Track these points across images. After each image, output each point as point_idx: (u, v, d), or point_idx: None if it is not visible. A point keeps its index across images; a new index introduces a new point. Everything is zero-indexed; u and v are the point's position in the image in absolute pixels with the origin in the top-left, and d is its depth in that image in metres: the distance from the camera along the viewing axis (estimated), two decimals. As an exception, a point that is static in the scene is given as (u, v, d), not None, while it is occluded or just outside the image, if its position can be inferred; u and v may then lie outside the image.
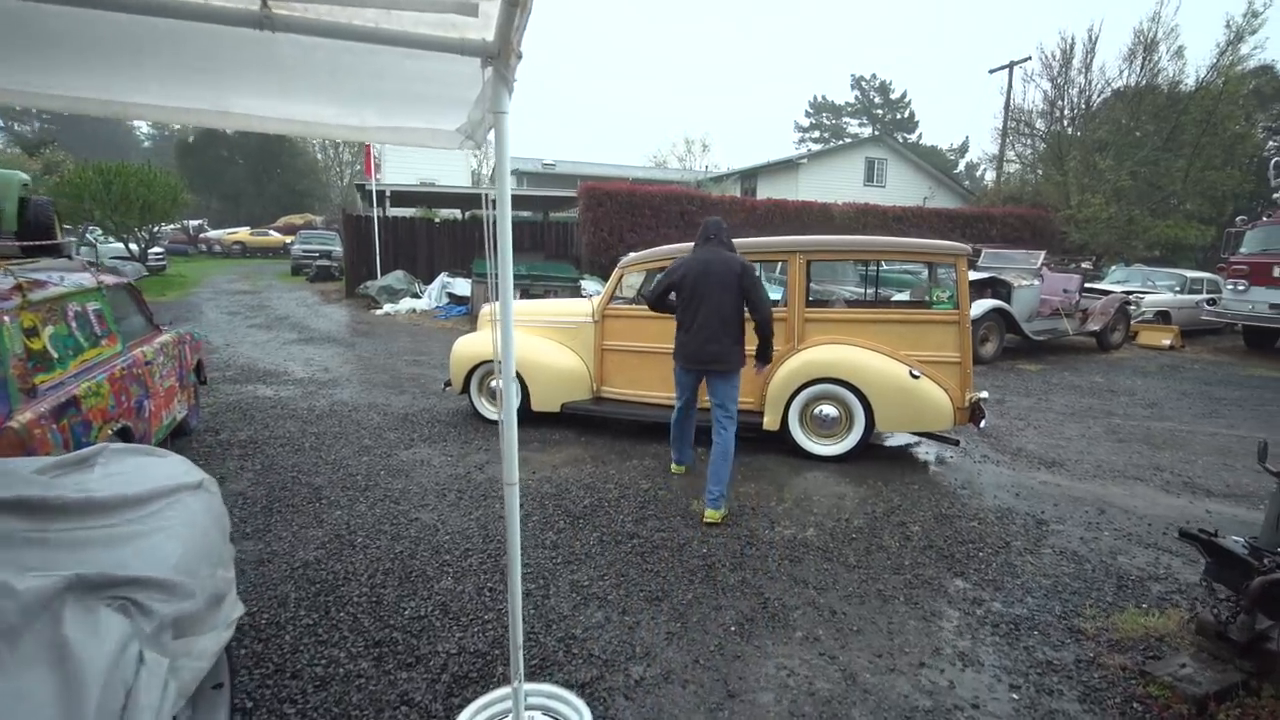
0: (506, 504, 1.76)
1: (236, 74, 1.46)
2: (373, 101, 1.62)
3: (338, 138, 2.08)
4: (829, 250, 5.51)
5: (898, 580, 3.23)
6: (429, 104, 1.62)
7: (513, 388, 1.61)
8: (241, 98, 1.59)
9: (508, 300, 1.66)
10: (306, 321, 11.97)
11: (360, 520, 3.76)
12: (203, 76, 1.47)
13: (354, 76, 1.46)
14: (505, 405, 1.66)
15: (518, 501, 1.78)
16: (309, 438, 5.27)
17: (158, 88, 1.54)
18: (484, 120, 1.62)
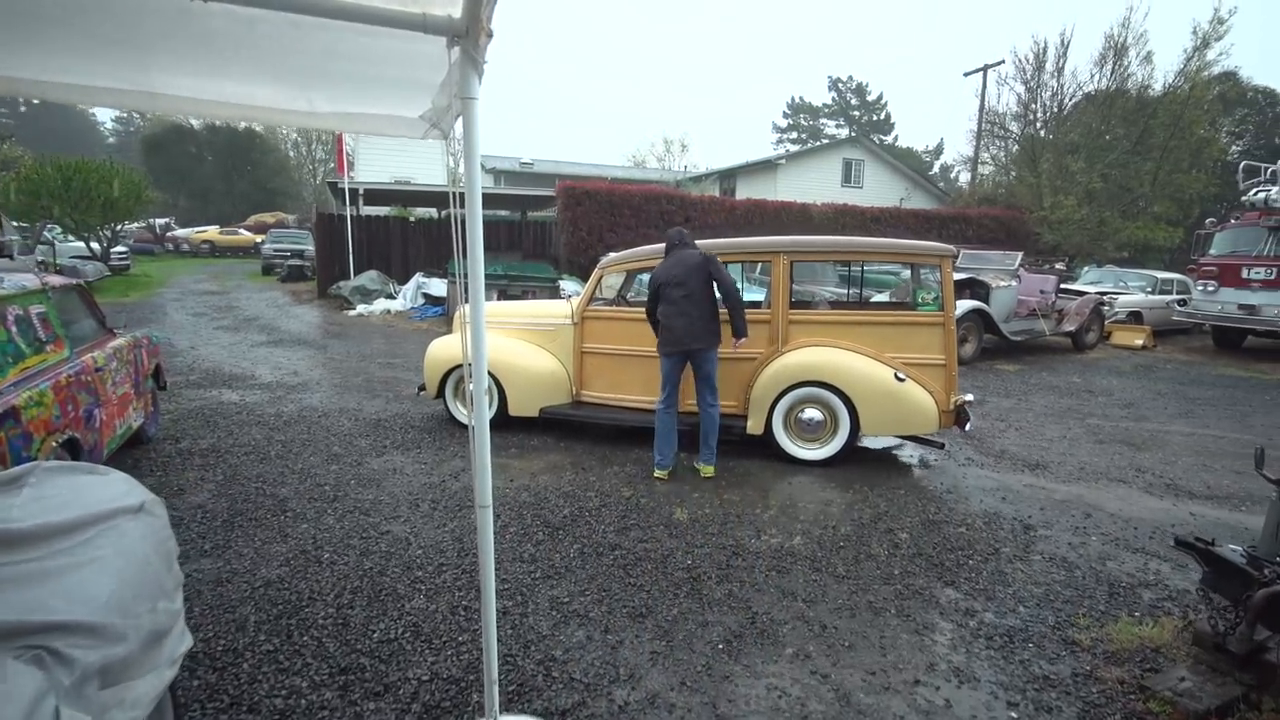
0: (479, 529, 1.62)
1: (163, 49, 1.29)
2: (322, 84, 1.46)
3: (281, 123, 1.93)
4: (813, 251, 5.43)
5: (888, 591, 3.14)
6: (388, 88, 1.46)
7: (484, 400, 1.47)
8: (170, 76, 1.41)
9: (479, 302, 1.53)
10: (276, 323, 11.63)
11: (328, 534, 3.57)
12: (123, 51, 1.29)
13: (299, 55, 1.30)
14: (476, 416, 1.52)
15: (491, 526, 1.63)
16: (275, 445, 5.04)
17: (70, 64, 1.35)
18: (451, 107, 1.48)
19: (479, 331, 1.47)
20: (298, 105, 1.52)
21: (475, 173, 1.39)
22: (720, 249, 5.28)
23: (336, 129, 2.07)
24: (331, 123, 1.60)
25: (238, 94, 1.48)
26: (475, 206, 1.39)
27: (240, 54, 1.29)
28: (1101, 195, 20.01)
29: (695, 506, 4.10)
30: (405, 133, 1.66)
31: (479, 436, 1.52)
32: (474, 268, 1.41)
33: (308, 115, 1.57)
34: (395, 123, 1.62)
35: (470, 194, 1.37)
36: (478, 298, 1.43)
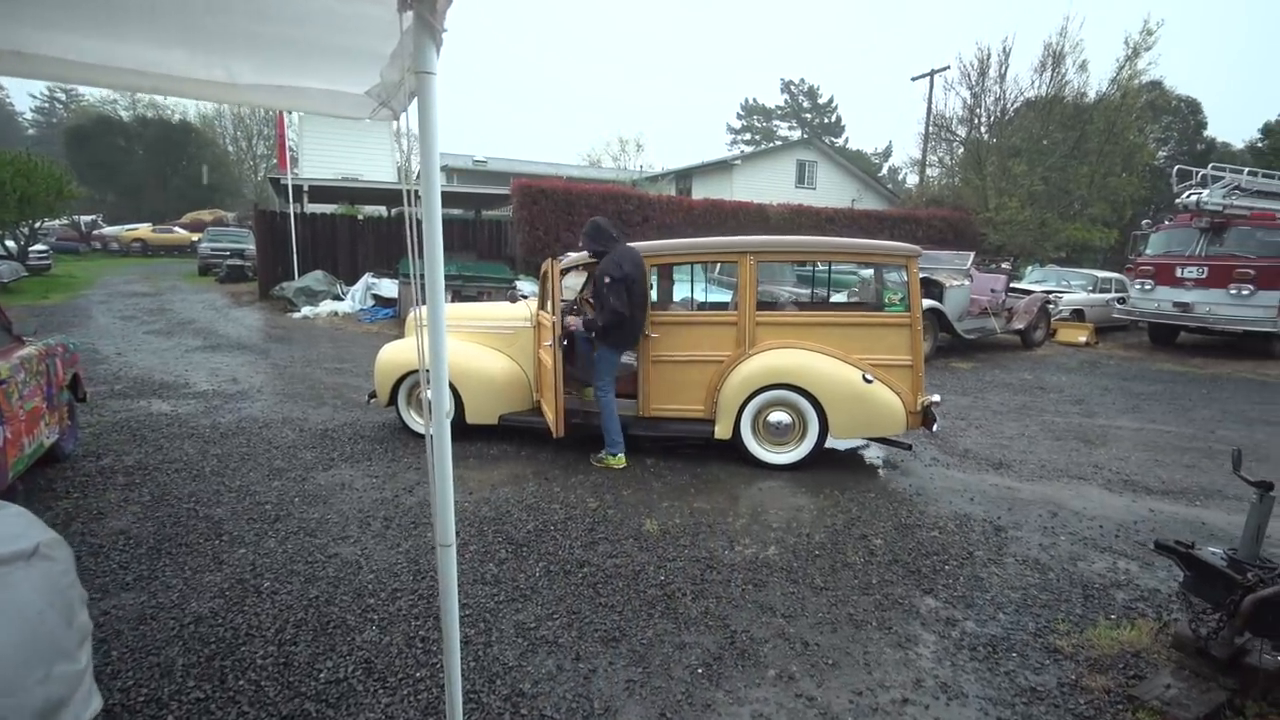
0: (441, 570, 1.42)
1: (42, 1, 1.04)
2: (245, 50, 1.22)
3: (194, 96, 1.62)
4: (780, 251, 5.35)
5: (867, 602, 3.04)
6: (327, 58, 1.24)
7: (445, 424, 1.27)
8: (49, 33, 1.16)
9: (438, 304, 1.33)
10: (214, 326, 10.99)
11: (268, 559, 3.27)
12: (-13, 1, 1.04)
13: (217, 14, 1.07)
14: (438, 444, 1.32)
15: (454, 568, 1.44)
16: (210, 460, 4.67)
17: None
18: (403, 83, 1.28)
19: (439, 341, 1.28)
20: (214, 74, 1.27)
21: (433, 160, 1.19)
22: (683, 249, 5.16)
23: (264, 105, 1.79)
24: (258, 97, 1.36)
25: (134, 58, 1.23)
26: (434, 197, 1.20)
27: (140, 9, 1.06)
28: (1042, 197, 20.75)
29: (665, 516, 3.94)
30: (349, 112, 1.44)
31: (439, 466, 1.32)
32: (432, 268, 1.22)
33: (227, 88, 1.32)
34: (336, 100, 1.39)
35: (428, 183, 1.18)
36: (436, 299, 1.23)
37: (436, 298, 1.27)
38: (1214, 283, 11.12)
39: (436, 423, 1.28)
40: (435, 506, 1.34)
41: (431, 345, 1.26)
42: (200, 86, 1.32)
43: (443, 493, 1.32)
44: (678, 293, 6.80)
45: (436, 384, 1.29)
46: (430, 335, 1.27)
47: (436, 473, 1.30)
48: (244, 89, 1.32)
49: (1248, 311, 10.82)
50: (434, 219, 1.27)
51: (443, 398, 1.32)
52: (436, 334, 1.25)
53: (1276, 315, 10.65)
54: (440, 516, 1.35)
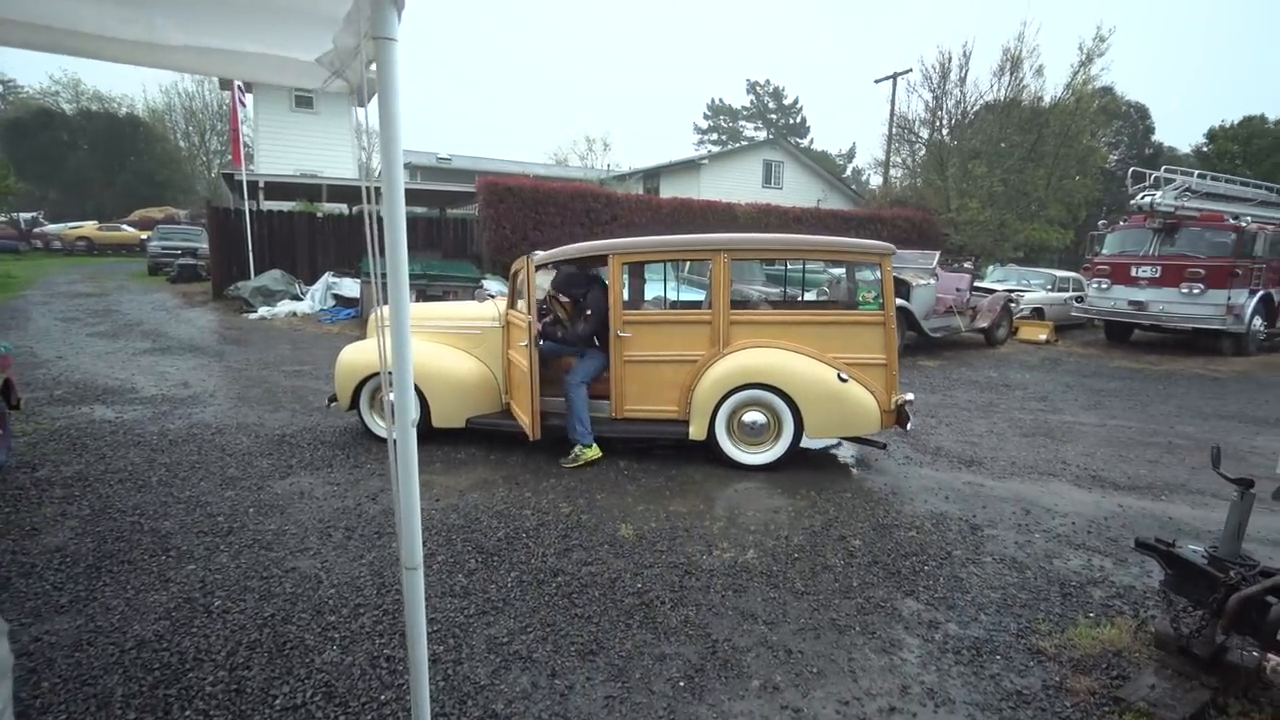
0: (407, 595, 1.29)
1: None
2: (169, 3, 1.07)
3: (110, 58, 1.40)
4: (754, 249, 5.28)
5: (849, 606, 2.98)
6: (269, 18, 1.10)
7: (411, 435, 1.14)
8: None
9: (403, 304, 1.20)
10: (164, 328, 10.52)
11: (220, 576, 3.07)
12: None
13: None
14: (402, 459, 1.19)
15: (421, 592, 1.31)
16: (158, 470, 4.40)
17: None
18: (360, 51, 1.14)
19: (403, 345, 1.15)
20: (134, 32, 1.10)
21: (394, 139, 1.07)
22: (656, 247, 5.06)
23: (195, 70, 1.61)
24: (187, 61, 1.20)
25: (32, 7, 1.06)
26: (395, 182, 1.07)
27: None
28: (1001, 198, 21.26)
29: (640, 521, 3.84)
30: (296, 81, 1.30)
31: (404, 481, 1.19)
32: (395, 261, 1.09)
33: (150, 49, 1.15)
34: (281, 68, 1.25)
35: (389, 166, 1.05)
36: (401, 304, 1.11)
37: (401, 295, 1.14)
38: (1167, 282, 11.48)
39: (401, 431, 1.15)
40: (400, 526, 1.21)
41: (396, 349, 1.13)
42: (118, 47, 1.15)
43: (408, 510, 1.19)
44: (649, 291, 6.70)
45: (400, 390, 1.16)
46: (394, 339, 1.15)
47: (401, 488, 1.17)
48: (171, 50, 1.15)
49: (1198, 310, 11.20)
50: (396, 206, 1.14)
51: (408, 404, 1.19)
52: (401, 337, 1.12)
53: (1225, 313, 11.05)
54: (406, 536, 1.22)
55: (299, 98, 21.15)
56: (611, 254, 4.82)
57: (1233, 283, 11.05)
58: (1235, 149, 27.07)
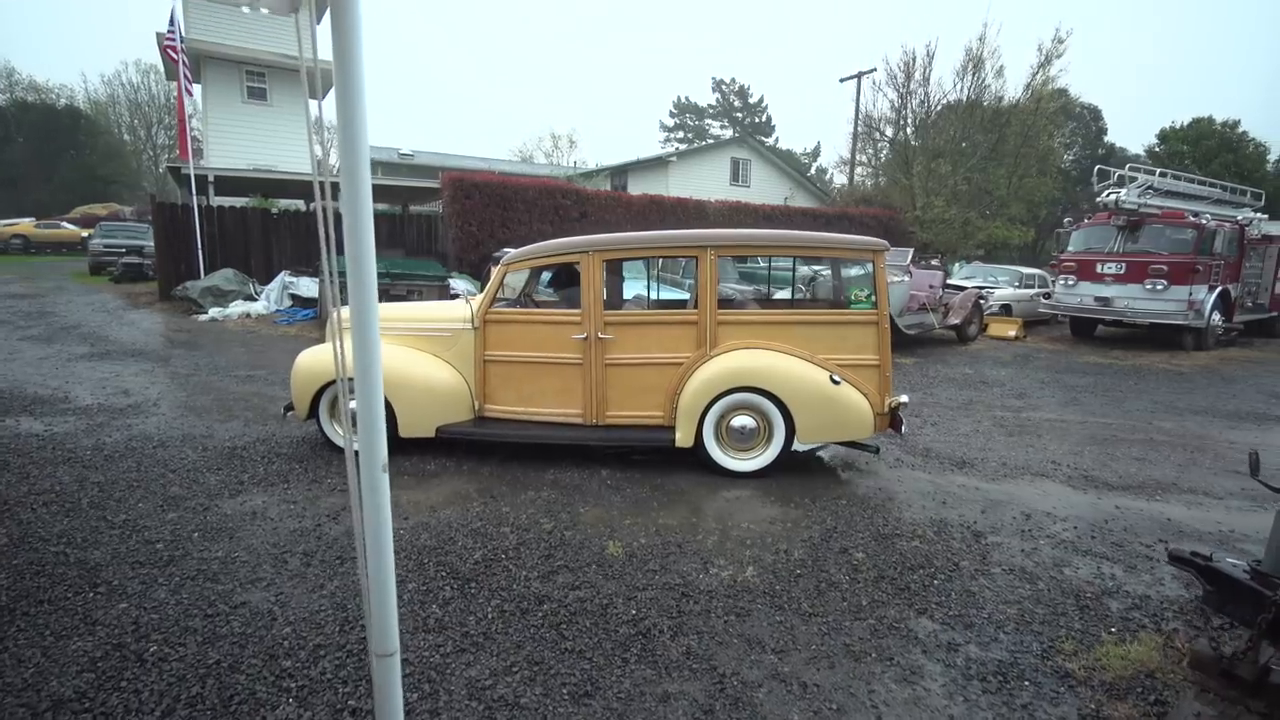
0: (377, 685, 1.00)
1: None
2: None
3: None
4: (742, 245, 5.05)
5: (862, 628, 2.76)
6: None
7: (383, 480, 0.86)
8: None
9: (369, 308, 0.92)
10: (104, 331, 9.85)
11: (157, 615, 2.70)
12: None
13: None
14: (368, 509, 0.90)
15: (399, 680, 1.02)
16: (89, 490, 3.97)
17: None
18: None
19: (370, 370, 0.86)
20: None
21: (355, 87, 0.78)
22: (637, 243, 4.80)
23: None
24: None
25: None
26: (359, 148, 0.79)
27: None
28: (965, 197, 21.56)
29: (629, 536, 3.57)
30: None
31: (375, 552, 0.90)
32: (359, 259, 0.81)
33: None
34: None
35: (347, 114, 0.77)
36: (367, 310, 0.82)
37: (365, 295, 0.86)
38: (1131, 278, 11.67)
39: (369, 482, 0.86)
40: (369, 607, 0.92)
41: (360, 374, 0.85)
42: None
43: (381, 588, 0.90)
44: (628, 290, 6.43)
45: (368, 428, 0.88)
46: (358, 358, 0.87)
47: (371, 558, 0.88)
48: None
49: (1162, 305, 11.41)
50: (360, 182, 0.86)
51: (378, 427, 0.91)
52: (367, 356, 0.85)
53: (1187, 309, 11.27)
54: (377, 617, 0.93)
55: (251, 89, 20.25)
56: (590, 251, 4.54)
57: (1194, 279, 11.28)
58: (1185, 149, 28.01)
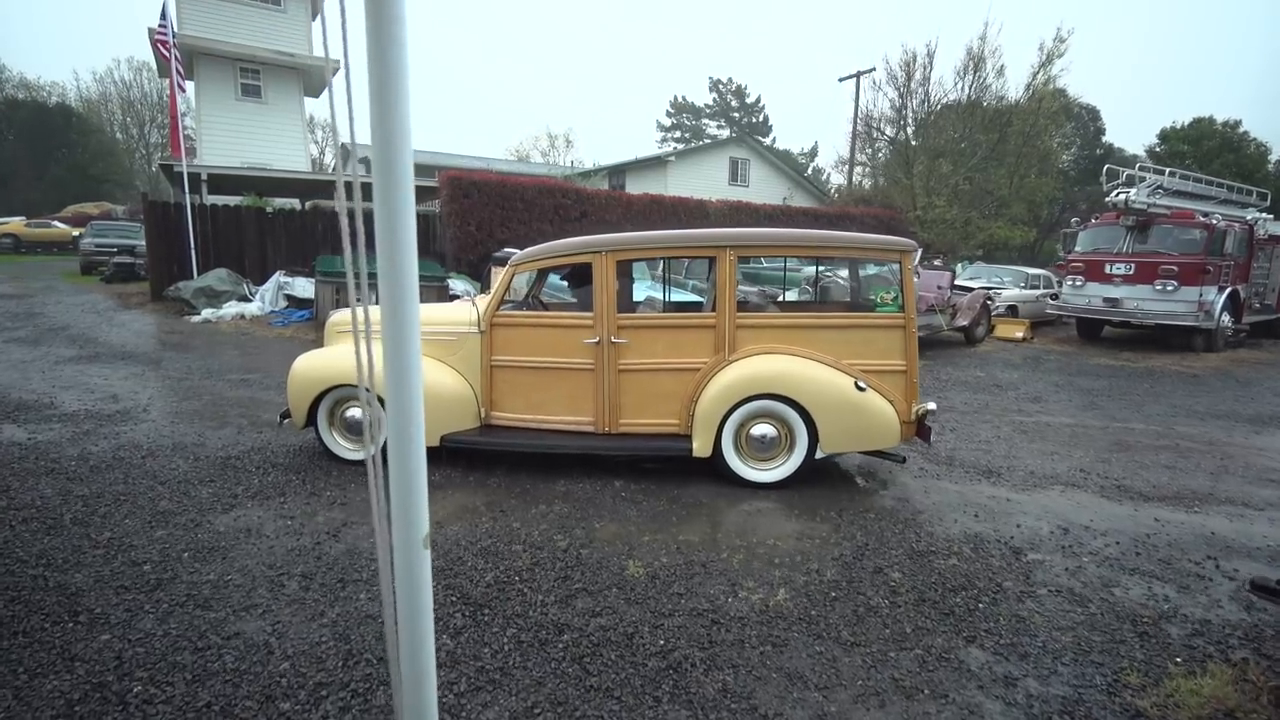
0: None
1: None
2: None
3: None
4: (764, 245, 4.82)
5: (909, 660, 2.55)
6: None
7: (422, 569, 0.65)
8: None
9: (408, 309, 0.72)
10: (94, 333, 9.58)
11: (142, 649, 2.47)
12: None
13: None
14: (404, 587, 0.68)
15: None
16: (73, 505, 3.73)
17: None
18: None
19: (408, 398, 0.65)
20: None
21: (397, 57, 0.57)
22: (651, 242, 4.58)
23: None
24: None
25: None
26: (403, 129, 0.58)
27: None
28: (966, 196, 21.43)
29: (649, 555, 3.35)
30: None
31: (412, 633, 0.68)
32: (398, 252, 0.60)
33: None
34: None
35: (386, 96, 0.56)
36: (404, 320, 0.61)
37: (404, 303, 0.65)
38: (1141, 279, 11.52)
39: (403, 554, 0.65)
40: (401, 707, 0.70)
41: (396, 408, 0.64)
42: None
43: (417, 685, 0.68)
44: (637, 292, 6.22)
45: (405, 482, 0.67)
46: (393, 393, 0.66)
47: (405, 648, 0.67)
48: None
49: (1172, 306, 11.25)
50: (404, 167, 0.65)
51: (417, 487, 0.69)
52: (405, 391, 0.64)
53: (1197, 310, 11.12)
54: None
55: (245, 86, 19.95)
56: (603, 251, 4.32)
57: (1204, 280, 11.13)
58: (1186, 149, 27.95)
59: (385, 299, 0.71)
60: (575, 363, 4.40)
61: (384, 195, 0.69)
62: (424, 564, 0.70)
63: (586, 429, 4.44)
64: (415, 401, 0.74)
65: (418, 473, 0.74)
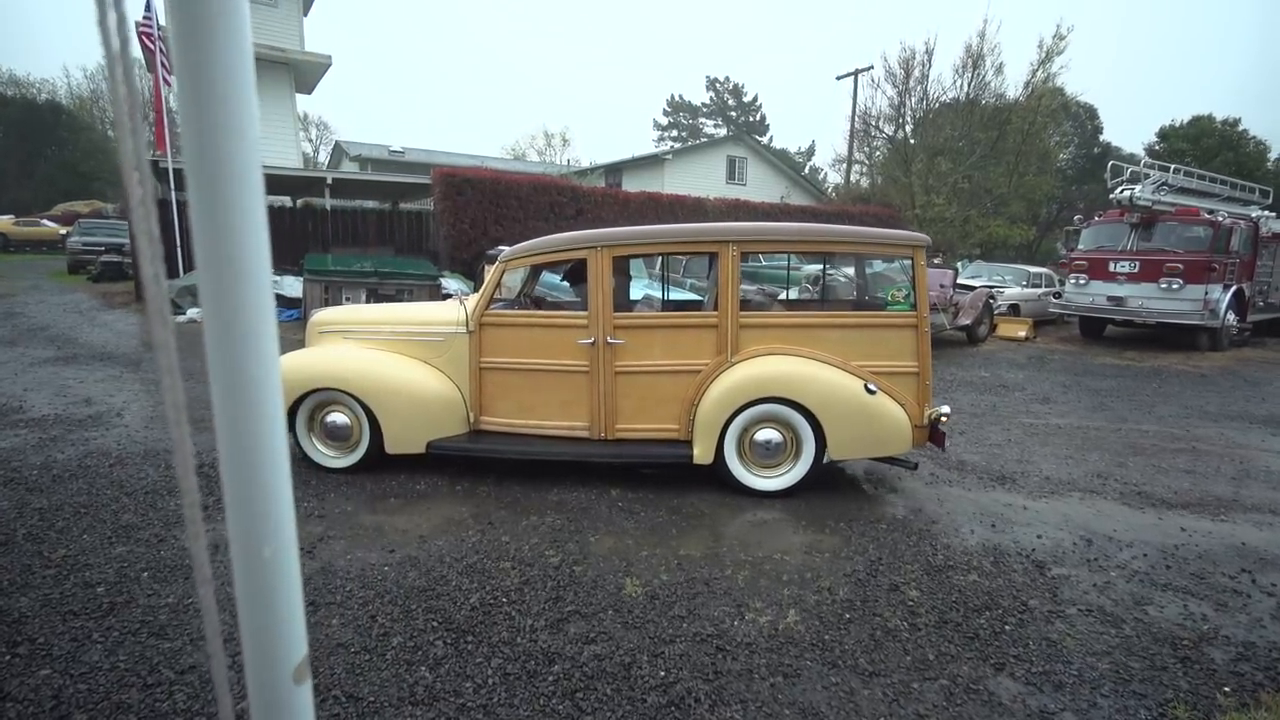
0: None
1: None
2: None
3: None
4: (769, 240, 4.57)
5: (934, 691, 2.32)
6: None
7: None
8: None
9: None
10: (74, 333, 9.29)
11: (86, 685, 2.22)
12: None
13: None
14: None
15: None
16: (29, 518, 3.47)
17: None
18: None
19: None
20: None
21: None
22: (649, 237, 4.35)
23: None
24: None
25: None
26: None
27: None
28: (965, 195, 21.25)
29: (648, 571, 3.11)
30: None
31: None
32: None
33: None
34: None
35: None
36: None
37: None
38: (1145, 277, 11.32)
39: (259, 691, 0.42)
40: None
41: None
42: None
43: None
44: (634, 290, 5.99)
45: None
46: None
47: None
48: None
49: (1177, 305, 11.06)
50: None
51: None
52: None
53: (1203, 308, 10.93)
54: None
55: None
56: (599, 246, 4.09)
57: (1209, 278, 10.94)
58: (1186, 147, 27.83)
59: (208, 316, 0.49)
60: (569, 364, 4.17)
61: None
62: (302, 710, 0.47)
63: (581, 434, 4.21)
64: (278, 479, 0.51)
65: (286, 583, 0.50)
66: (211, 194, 0.49)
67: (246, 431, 0.50)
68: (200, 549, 0.50)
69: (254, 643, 0.48)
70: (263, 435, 0.51)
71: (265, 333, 0.52)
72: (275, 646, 0.49)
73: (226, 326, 0.50)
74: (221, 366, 0.51)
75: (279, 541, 0.49)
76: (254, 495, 0.50)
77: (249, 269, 0.51)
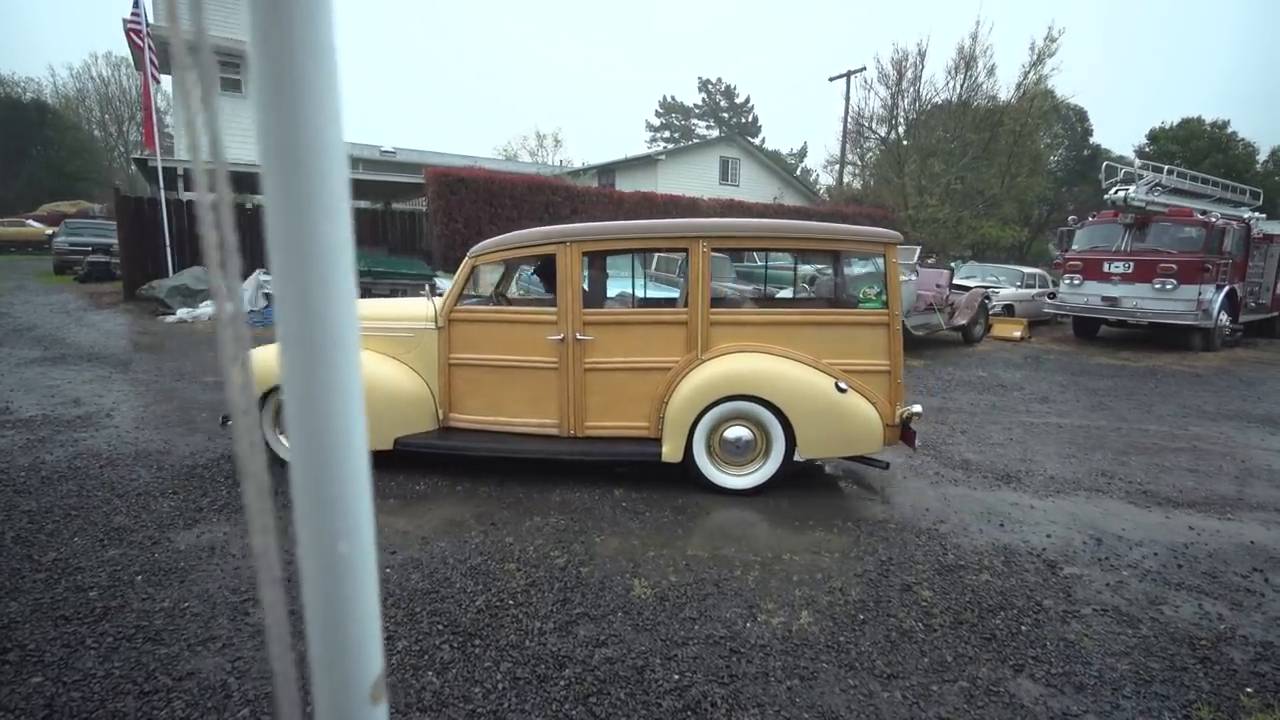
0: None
1: None
2: None
3: None
4: (737, 235, 4.44)
5: (954, 694, 2.27)
6: None
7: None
8: None
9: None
10: (61, 333, 9.13)
11: (79, 693, 2.14)
12: None
13: None
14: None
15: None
16: (18, 521, 3.37)
17: None
18: None
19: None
20: None
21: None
22: (621, 233, 4.24)
23: None
24: None
25: None
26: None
27: None
28: (958, 196, 21.33)
29: (656, 572, 3.05)
30: None
31: None
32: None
33: None
34: None
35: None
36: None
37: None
38: (1139, 277, 11.37)
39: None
40: None
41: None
42: None
43: None
44: (613, 288, 5.91)
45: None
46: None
47: None
48: None
49: (1171, 305, 11.11)
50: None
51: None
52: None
53: (1196, 309, 10.99)
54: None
55: (225, 80, 19.44)
56: (568, 242, 4.03)
57: (1203, 278, 11.00)
58: (1175, 149, 28.07)
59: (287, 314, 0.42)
60: (539, 361, 4.10)
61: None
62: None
63: (551, 432, 4.14)
64: (357, 469, 0.45)
65: (363, 587, 0.43)
66: (295, 201, 0.42)
67: (322, 414, 0.44)
68: (269, 543, 0.44)
69: (325, 656, 0.42)
70: (340, 417, 0.44)
71: (346, 321, 0.45)
72: (349, 660, 0.42)
73: (310, 314, 0.44)
74: (298, 344, 0.44)
75: (356, 539, 0.43)
76: (327, 481, 0.44)
77: (332, 255, 0.44)
